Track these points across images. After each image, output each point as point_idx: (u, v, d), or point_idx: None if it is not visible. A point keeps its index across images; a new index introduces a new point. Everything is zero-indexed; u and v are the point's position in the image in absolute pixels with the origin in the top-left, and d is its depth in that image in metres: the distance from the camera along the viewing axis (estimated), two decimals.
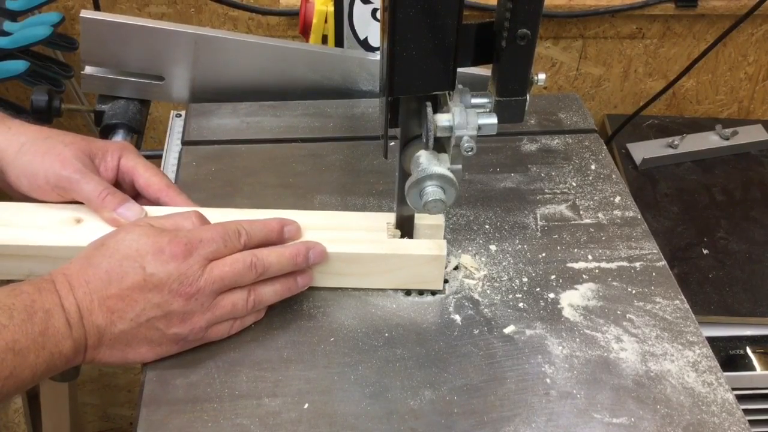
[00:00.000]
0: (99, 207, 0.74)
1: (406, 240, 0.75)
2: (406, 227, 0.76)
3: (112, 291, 0.64)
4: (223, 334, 0.69)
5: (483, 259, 0.79)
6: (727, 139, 1.45)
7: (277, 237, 0.73)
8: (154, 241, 0.66)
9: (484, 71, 0.94)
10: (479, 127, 0.65)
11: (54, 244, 0.72)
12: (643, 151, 1.44)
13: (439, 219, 0.76)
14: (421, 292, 0.76)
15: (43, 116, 1.02)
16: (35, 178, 0.74)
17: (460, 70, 0.64)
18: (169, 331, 0.66)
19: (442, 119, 0.65)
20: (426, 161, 0.67)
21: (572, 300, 0.75)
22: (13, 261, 0.73)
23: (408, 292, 0.76)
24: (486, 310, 0.74)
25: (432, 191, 0.67)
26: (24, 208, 0.76)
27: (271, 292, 0.71)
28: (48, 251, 0.72)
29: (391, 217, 0.76)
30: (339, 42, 1.08)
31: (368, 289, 0.75)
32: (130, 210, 0.74)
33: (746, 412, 0.67)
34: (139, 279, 0.64)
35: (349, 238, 0.74)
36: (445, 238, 0.77)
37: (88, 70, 1.02)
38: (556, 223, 0.84)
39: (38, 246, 0.72)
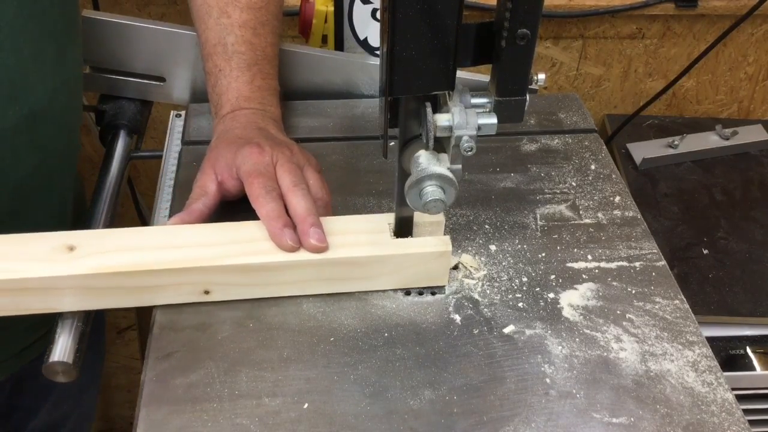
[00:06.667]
0: None
1: (410, 239, 0.75)
2: (405, 227, 0.76)
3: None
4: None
5: (483, 258, 0.79)
6: (727, 139, 1.45)
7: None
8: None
9: (483, 77, 0.94)
10: (479, 127, 0.65)
11: (45, 275, 0.68)
12: (643, 151, 1.43)
13: (439, 216, 0.76)
14: (420, 292, 0.76)
15: None
16: None
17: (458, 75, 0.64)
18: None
19: (442, 119, 0.65)
20: (425, 161, 0.67)
21: (572, 300, 0.75)
22: (5, 297, 0.69)
23: (408, 292, 0.76)
24: (486, 309, 0.74)
25: (432, 191, 0.67)
26: (15, 239, 0.72)
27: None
28: (38, 283, 0.68)
29: (392, 218, 0.76)
30: (339, 42, 1.08)
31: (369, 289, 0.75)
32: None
33: (746, 412, 0.67)
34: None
35: (352, 241, 0.74)
36: (444, 235, 0.76)
37: (89, 70, 1.02)
38: (555, 223, 0.84)
39: (27, 279, 0.68)
